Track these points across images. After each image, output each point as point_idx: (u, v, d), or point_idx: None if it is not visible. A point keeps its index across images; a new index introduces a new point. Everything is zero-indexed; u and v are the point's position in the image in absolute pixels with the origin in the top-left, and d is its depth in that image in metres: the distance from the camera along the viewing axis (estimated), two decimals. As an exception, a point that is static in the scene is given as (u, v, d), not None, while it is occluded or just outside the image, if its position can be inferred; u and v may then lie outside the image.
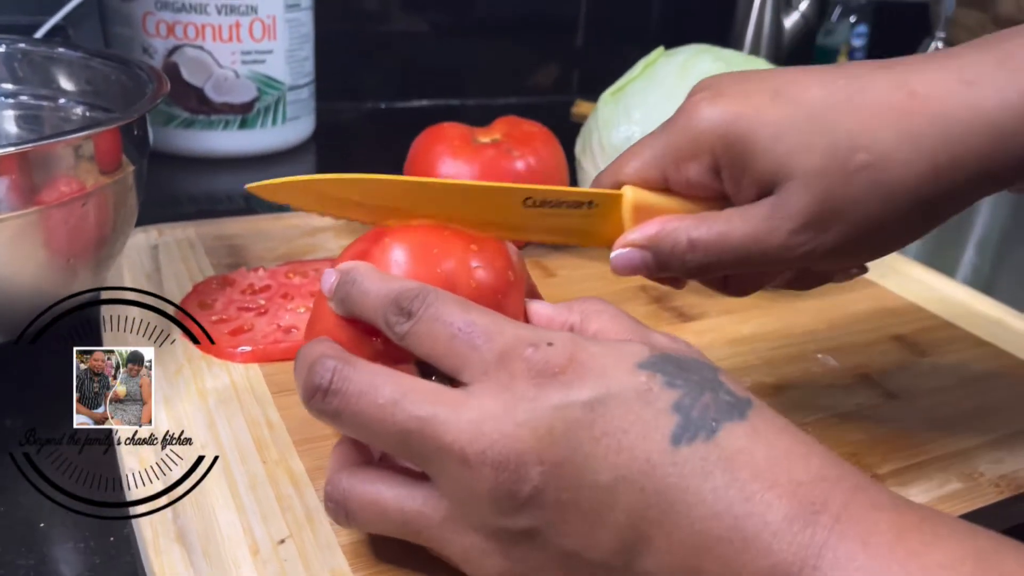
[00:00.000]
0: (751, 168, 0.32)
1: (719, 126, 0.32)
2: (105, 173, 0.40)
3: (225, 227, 0.57)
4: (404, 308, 0.29)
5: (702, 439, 0.25)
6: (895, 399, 0.44)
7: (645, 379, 0.26)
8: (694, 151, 0.33)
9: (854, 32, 1.10)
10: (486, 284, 0.33)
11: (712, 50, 0.56)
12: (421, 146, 0.55)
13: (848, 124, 0.31)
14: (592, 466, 0.25)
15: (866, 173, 0.30)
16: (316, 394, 0.28)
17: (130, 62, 0.47)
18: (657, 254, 0.34)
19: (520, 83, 1.06)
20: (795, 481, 0.25)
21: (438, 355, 0.28)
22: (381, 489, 0.28)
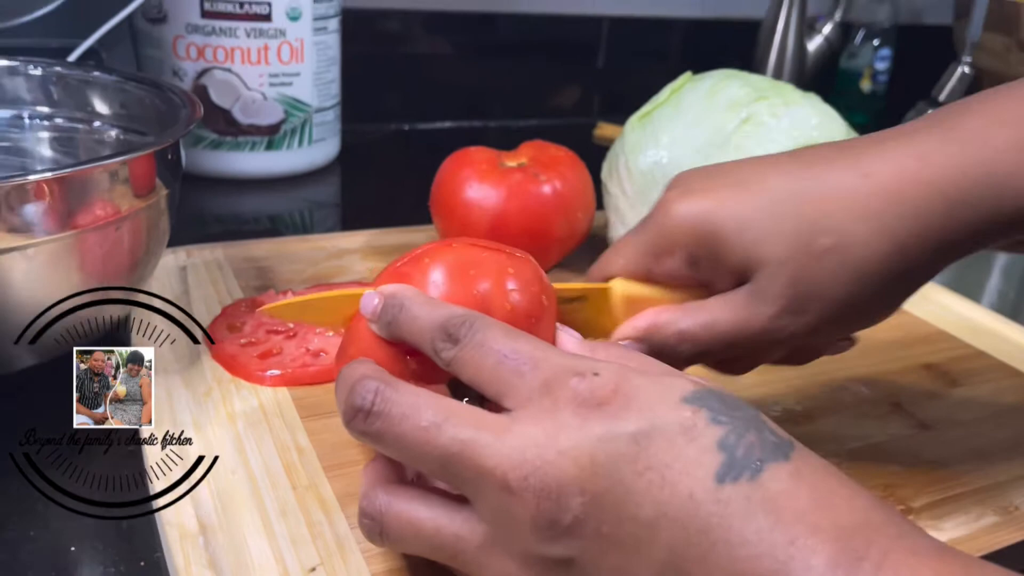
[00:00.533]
0: (723, 259, 0.34)
1: (689, 222, 0.34)
2: (139, 197, 0.40)
3: (252, 249, 0.57)
4: (451, 334, 0.29)
5: (746, 479, 0.25)
6: (928, 430, 0.44)
7: (690, 414, 0.26)
8: (670, 247, 0.35)
9: (877, 55, 1.10)
10: (521, 307, 0.34)
11: (740, 75, 0.56)
12: (448, 170, 0.55)
13: (809, 210, 0.32)
14: (634, 500, 0.25)
15: (831, 256, 0.32)
16: (358, 415, 0.28)
17: (163, 86, 0.48)
18: (651, 346, 0.35)
19: (541, 105, 1.07)
20: (839, 526, 0.24)
21: (483, 381, 0.28)
22: (419, 509, 0.28)
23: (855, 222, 0.32)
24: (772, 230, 0.33)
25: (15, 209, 0.35)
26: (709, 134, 0.52)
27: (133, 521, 0.35)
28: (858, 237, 0.32)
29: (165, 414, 0.39)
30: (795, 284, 0.32)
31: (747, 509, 0.24)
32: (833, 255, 0.32)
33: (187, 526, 0.33)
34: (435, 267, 0.34)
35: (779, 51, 0.97)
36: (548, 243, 0.54)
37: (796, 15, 0.96)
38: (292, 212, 0.73)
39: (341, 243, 0.59)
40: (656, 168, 0.53)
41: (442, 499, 0.28)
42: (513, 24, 1.00)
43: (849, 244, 0.32)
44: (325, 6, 0.72)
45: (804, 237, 0.32)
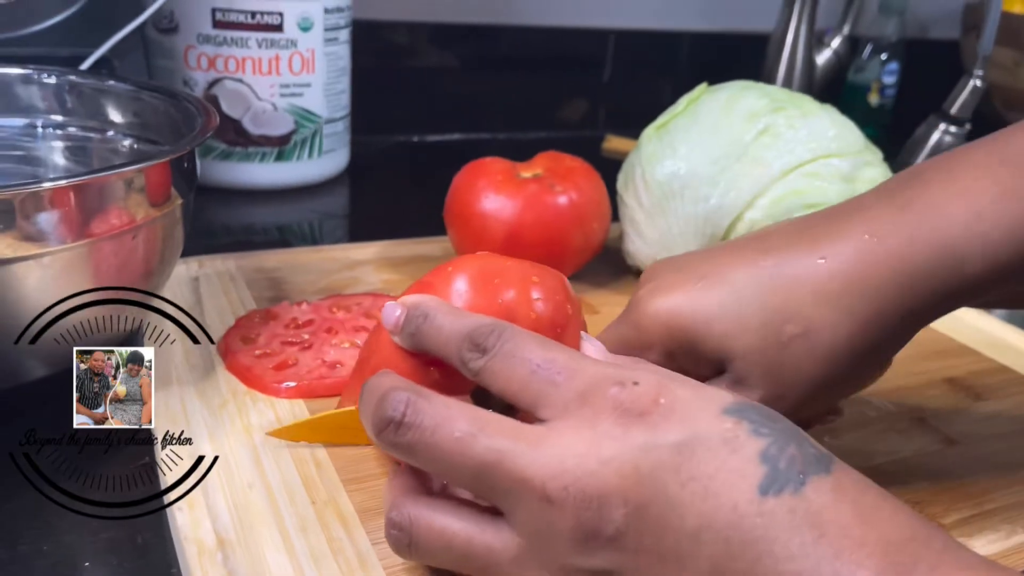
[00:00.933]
0: (697, 352, 0.34)
1: (661, 319, 0.35)
2: (155, 206, 0.39)
3: (264, 259, 0.56)
4: (479, 344, 0.29)
5: (790, 491, 0.25)
6: (955, 445, 0.43)
7: (731, 425, 0.26)
8: (646, 343, 0.36)
9: (885, 69, 1.10)
10: (545, 316, 0.34)
11: (757, 86, 0.55)
12: (463, 181, 0.55)
13: (772, 300, 0.33)
14: (677, 511, 0.25)
15: (799, 342, 0.33)
16: (389, 426, 0.27)
17: (178, 95, 0.47)
18: None
19: (548, 118, 1.06)
20: (884, 540, 0.24)
21: (514, 391, 0.28)
22: (450, 520, 0.27)
23: (818, 307, 0.33)
24: (739, 323, 0.33)
25: (30, 217, 0.34)
26: (726, 145, 0.52)
27: (148, 536, 0.34)
28: (823, 321, 0.32)
29: (180, 426, 0.38)
30: (769, 372, 0.33)
31: (791, 522, 0.24)
32: (801, 341, 0.33)
33: (205, 541, 0.32)
34: (459, 276, 0.34)
35: (788, 64, 0.97)
36: (564, 254, 0.54)
37: (805, 28, 0.96)
38: (301, 223, 0.72)
39: (353, 254, 0.59)
40: (673, 179, 0.52)
41: (473, 510, 0.28)
42: (520, 37, 1.00)
43: (815, 329, 0.33)
44: (336, 17, 0.72)
45: (772, 327, 0.33)
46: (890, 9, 1.09)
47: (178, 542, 0.33)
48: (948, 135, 0.86)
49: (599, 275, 0.59)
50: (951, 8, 1.17)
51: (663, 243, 0.54)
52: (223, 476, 0.36)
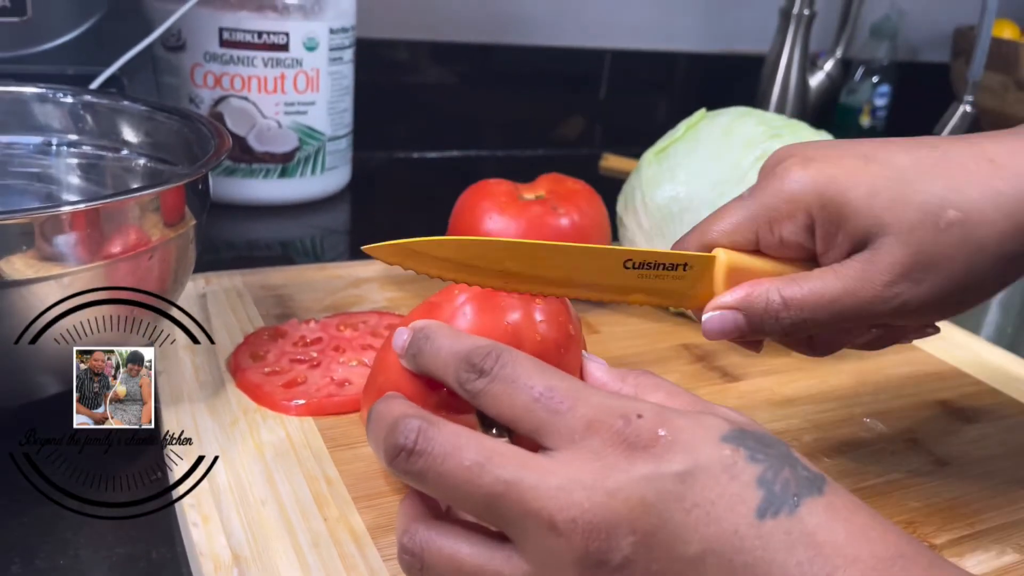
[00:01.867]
0: (847, 225, 0.34)
1: (815, 187, 0.34)
2: (169, 226, 0.40)
3: (271, 276, 0.57)
4: (476, 365, 0.29)
5: (785, 513, 0.26)
6: (946, 466, 0.44)
7: (730, 452, 0.27)
8: (790, 211, 0.35)
9: (876, 92, 1.12)
10: (550, 338, 0.35)
11: (754, 113, 0.57)
12: (468, 201, 0.56)
13: (938, 185, 0.33)
14: (683, 537, 0.26)
15: (956, 229, 0.33)
16: (400, 454, 0.28)
17: (191, 116, 0.48)
18: (750, 315, 0.35)
19: (546, 135, 1.08)
20: (876, 556, 0.25)
21: (516, 417, 0.28)
22: (461, 546, 0.28)
23: (982, 200, 0.33)
24: (902, 199, 0.33)
25: (50, 239, 0.35)
26: (726, 170, 0.53)
27: (164, 551, 0.35)
28: (983, 214, 0.33)
29: (193, 444, 0.39)
30: (916, 254, 0.33)
31: (788, 543, 0.25)
32: (957, 229, 0.33)
33: (221, 557, 0.33)
34: (465, 298, 0.35)
35: (782, 86, 0.99)
36: (565, 275, 0.55)
37: (799, 51, 0.98)
38: (304, 238, 0.73)
39: (358, 272, 0.60)
40: (673, 203, 0.54)
41: (484, 536, 0.28)
42: (519, 56, 1.01)
43: (974, 220, 0.33)
44: (341, 37, 0.73)
45: (932, 208, 0.33)
46: (882, 33, 1.12)
47: (194, 558, 0.33)
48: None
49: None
50: (942, 32, 1.20)
51: (662, 265, 0.55)
52: (236, 493, 0.36)
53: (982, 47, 0.80)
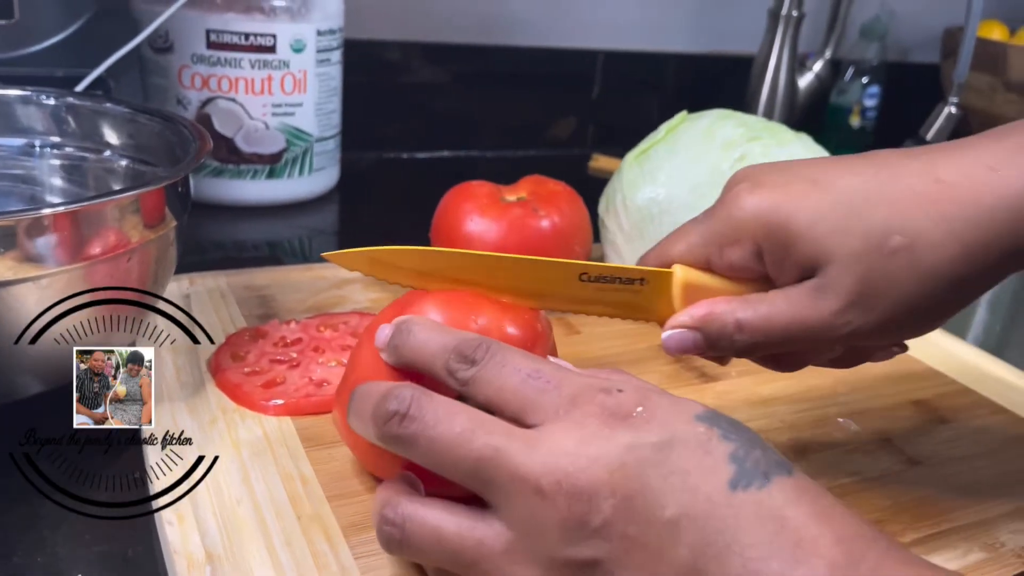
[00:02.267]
0: (792, 252, 0.34)
1: (760, 214, 0.35)
2: (149, 228, 0.41)
3: (255, 277, 0.58)
4: (467, 356, 0.31)
5: (756, 487, 0.27)
6: (918, 465, 0.45)
7: (704, 430, 0.28)
8: (736, 237, 0.36)
9: (866, 92, 1.12)
10: (515, 337, 0.35)
11: (735, 115, 0.57)
12: (450, 203, 0.57)
13: (883, 210, 0.33)
14: (660, 501, 0.27)
15: (902, 255, 0.33)
16: (393, 418, 0.29)
17: (174, 118, 0.49)
18: (707, 335, 0.36)
19: (537, 136, 1.08)
20: (838, 535, 0.26)
21: (504, 399, 0.30)
22: (443, 516, 0.29)
23: (928, 224, 0.32)
24: (844, 226, 0.33)
25: (30, 240, 0.36)
26: (705, 173, 0.54)
27: (140, 551, 0.35)
28: (930, 238, 0.32)
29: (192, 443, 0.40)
30: (862, 281, 0.33)
31: (757, 514, 0.27)
32: (904, 254, 0.33)
33: (195, 555, 0.33)
34: (433, 302, 0.36)
35: (771, 87, 0.99)
36: (546, 276, 0.55)
37: (788, 52, 0.98)
38: (291, 239, 0.73)
39: (342, 273, 0.59)
40: (652, 204, 0.54)
41: (465, 508, 0.29)
42: (509, 57, 1.02)
43: (920, 245, 0.32)
44: (328, 39, 0.74)
45: (877, 235, 0.33)
46: (872, 33, 1.12)
47: (168, 556, 0.34)
48: (925, 159, 0.88)
49: (581, 296, 0.60)
50: (932, 33, 1.20)
51: (642, 266, 0.56)
52: (212, 492, 0.37)
53: (967, 48, 0.80)
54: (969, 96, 1.04)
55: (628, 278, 0.37)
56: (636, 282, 0.37)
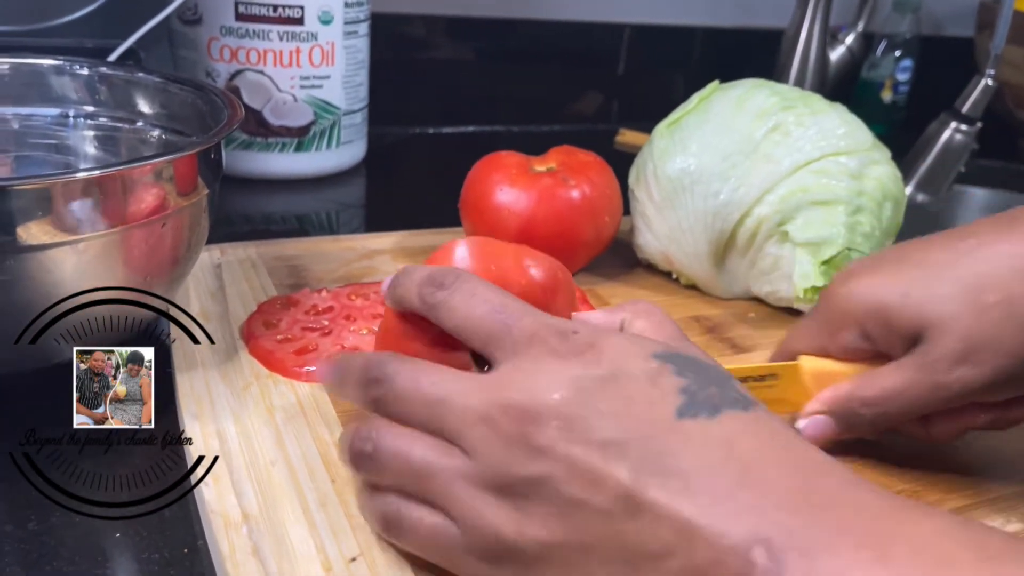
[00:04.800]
0: (893, 326, 0.37)
1: (857, 299, 0.39)
2: (183, 195, 0.41)
3: (284, 248, 0.58)
4: (437, 280, 0.32)
5: (704, 416, 0.28)
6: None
7: (656, 366, 0.29)
8: (842, 324, 0.39)
9: (898, 66, 1.10)
10: (537, 281, 0.37)
11: (768, 84, 0.56)
12: (479, 173, 0.56)
13: (971, 273, 0.36)
14: (601, 424, 0.28)
15: (999, 308, 0.35)
16: (370, 384, 0.31)
17: (205, 87, 0.49)
18: (836, 416, 0.39)
19: (563, 111, 1.07)
20: (792, 464, 0.27)
21: (471, 327, 0.31)
22: (411, 440, 0.30)
23: (1017, 280, 0.35)
24: (935, 293, 0.36)
25: (66, 205, 0.36)
26: (738, 142, 0.53)
27: (174, 509, 0.36)
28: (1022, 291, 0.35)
29: (205, 407, 0.40)
30: (966, 338, 0.35)
31: (703, 441, 0.27)
32: (1002, 307, 0.35)
33: (231, 515, 0.34)
34: (460, 246, 0.38)
35: (801, 60, 0.97)
36: (575, 247, 0.55)
37: (819, 25, 0.96)
38: (319, 212, 0.74)
39: (371, 244, 0.60)
40: (684, 175, 0.54)
41: (432, 438, 0.30)
42: (535, 30, 1.01)
43: (1015, 297, 0.35)
44: (356, 10, 0.74)
45: (971, 295, 0.36)
46: (905, 6, 1.10)
47: (205, 516, 0.34)
48: (959, 133, 0.86)
49: (610, 268, 0.60)
50: (966, 5, 1.18)
51: (672, 237, 0.55)
52: (247, 454, 0.37)
53: (1004, 19, 0.78)
54: (1004, 69, 1.02)
55: (760, 375, 0.40)
56: (768, 377, 0.41)
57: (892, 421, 0.39)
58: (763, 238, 0.53)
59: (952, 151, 0.86)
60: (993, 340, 0.35)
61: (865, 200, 0.52)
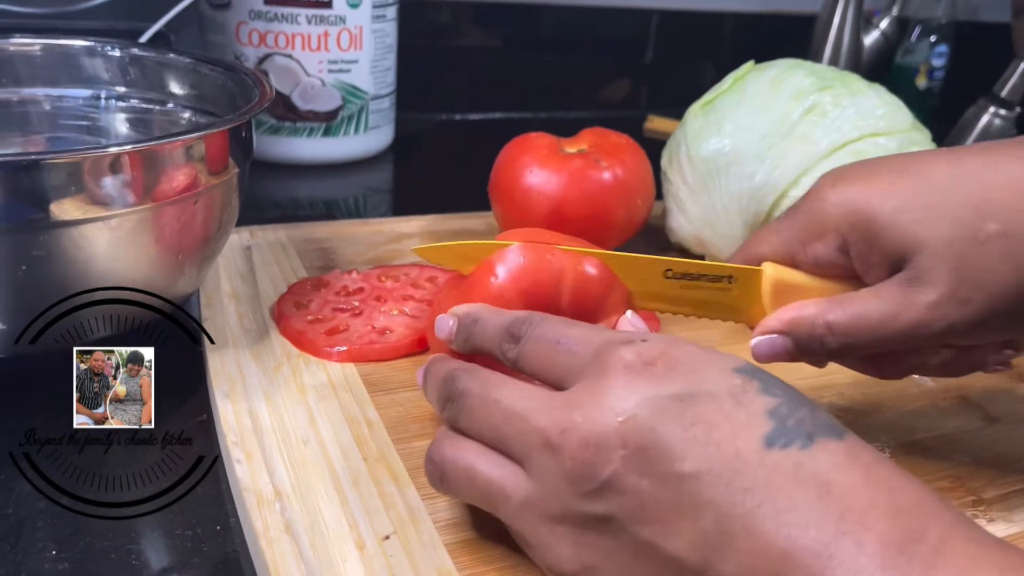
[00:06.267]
0: (878, 243, 0.32)
1: (843, 205, 0.33)
2: (214, 174, 0.41)
3: (314, 231, 0.58)
4: (514, 334, 0.31)
5: (797, 447, 0.25)
6: (996, 423, 0.43)
7: (740, 382, 0.26)
8: (820, 231, 0.34)
9: (934, 52, 1.08)
10: (594, 276, 0.36)
11: (804, 64, 0.55)
12: (508, 155, 0.56)
13: (976, 196, 0.31)
14: (677, 453, 0.25)
15: (997, 241, 0.31)
16: (448, 403, 0.31)
17: (235, 67, 0.49)
18: (796, 339, 0.34)
19: (590, 98, 1.07)
20: (895, 506, 0.24)
21: (545, 370, 0.30)
22: (477, 460, 0.29)
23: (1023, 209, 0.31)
24: (932, 213, 0.31)
25: (98, 181, 0.36)
26: (773, 122, 0.52)
27: (206, 487, 0.36)
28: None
29: (237, 386, 0.40)
30: (958, 269, 0.31)
31: (796, 476, 0.24)
32: (1001, 241, 0.31)
33: (264, 492, 0.33)
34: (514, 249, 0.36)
35: (834, 45, 0.96)
36: (607, 230, 0.54)
37: (853, 9, 0.95)
38: (347, 197, 0.73)
39: (400, 227, 0.60)
40: (718, 156, 0.53)
41: (499, 456, 0.29)
42: (563, 16, 1.00)
43: (1017, 231, 0.30)
44: (384, -6, 0.73)
45: (969, 221, 0.31)
46: (940, -10, 1.08)
47: (237, 493, 0.34)
48: (998, 118, 0.85)
49: (642, 251, 0.59)
50: (1004, -10, 1.15)
51: (706, 220, 0.54)
52: (279, 433, 0.37)
53: (1047, 0, 0.76)
54: (1044, 54, 0.99)
55: (716, 275, 0.36)
56: (724, 280, 0.36)
57: (857, 352, 0.34)
58: (799, 221, 0.52)
59: (990, 137, 0.84)
60: (986, 277, 0.31)
61: (905, 182, 0.51)
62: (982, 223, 0.31)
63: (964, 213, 0.31)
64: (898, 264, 0.32)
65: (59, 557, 0.32)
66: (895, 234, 0.32)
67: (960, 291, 0.31)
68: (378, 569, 0.30)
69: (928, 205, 0.32)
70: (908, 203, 0.32)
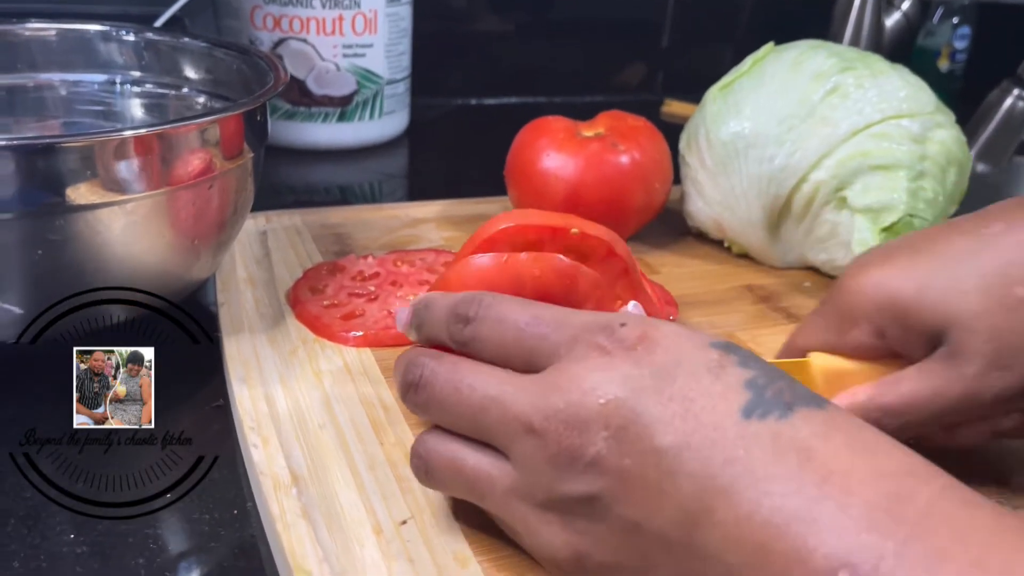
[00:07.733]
0: (909, 325, 0.33)
1: (867, 292, 0.34)
2: (228, 158, 0.41)
3: (329, 216, 0.58)
4: (462, 314, 0.30)
5: (775, 417, 0.24)
6: None
7: (717, 356, 0.26)
8: (853, 321, 0.34)
9: (956, 34, 1.06)
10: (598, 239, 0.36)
11: (826, 45, 0.54)
12: (525, 139, 0.55)
13: (995, 264, 0.31)
14: (658, 429, 0.25)
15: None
16: (410, 389, 0.30)
17: (249, 51, 0.48)
18: None
19: (605, 82, 1.05)
20: (879, 471, 0.23)
21: (507, 354, 0.29)
22: (462, 452, 0.29)
23: None
24: (958, 285, 0.32)
25: (112, 165, 0.36)
26: (794, 104, 0.51)
27: (223, 471, 0.36)
28: None
29: (253, 371, 0.40)
30: (994, 339, 0.31)
31: (775, 446, 0.24)
32: None
33: (280, 477, 0.33)
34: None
35: (855, 27, 0.94)
36: (625, 214, 0.54)
37: (874, -10, 0.93)
38: (362, 183, 0.73)
39: (415, 212, 0.60)
40: (737, 139, 0.52)
41: (482, 446, 0.29)
42: (578, 1, 0.99)
43: None
44: (399, -23, 0.73)
45: (996, 289, 0.31)
46: (963, -30, 1.06)
47: (254, 477, 0.34)
48: (1021, 100, 0.83)
49: (660, 236, 0.59)
50: (1028, -30, 1.13)
51: (725, 203, 0.54)
52: (295, 418, 0.37)
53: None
54: (1070, 35, 0.97)
55: None
56: None
57: (917, 430, 0.34)
58: (820, 204, 0.51)
59: (1014, 119, 0.82)
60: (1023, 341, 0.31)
61: (928, 165, 0.50)
62: (1010, 288, 0.31)
63: (990, 281, 0.31)
64: (935, 340, 0.32)
65: (77, 541, 0.32)
66: (923, 313, 0.32)
67: (1000, 359, 0.31)
68: (395, 554, 0.30)
69: (953, 278, 0.32)
70: (930, 280, 0.32)
